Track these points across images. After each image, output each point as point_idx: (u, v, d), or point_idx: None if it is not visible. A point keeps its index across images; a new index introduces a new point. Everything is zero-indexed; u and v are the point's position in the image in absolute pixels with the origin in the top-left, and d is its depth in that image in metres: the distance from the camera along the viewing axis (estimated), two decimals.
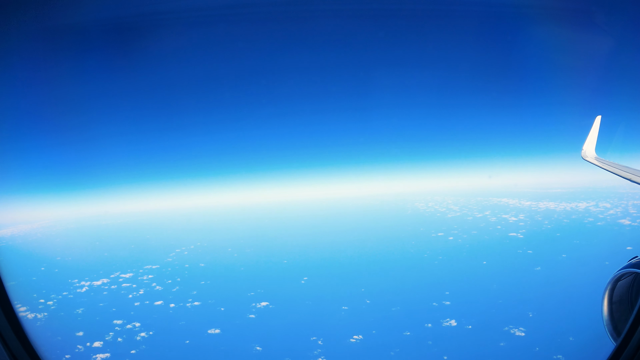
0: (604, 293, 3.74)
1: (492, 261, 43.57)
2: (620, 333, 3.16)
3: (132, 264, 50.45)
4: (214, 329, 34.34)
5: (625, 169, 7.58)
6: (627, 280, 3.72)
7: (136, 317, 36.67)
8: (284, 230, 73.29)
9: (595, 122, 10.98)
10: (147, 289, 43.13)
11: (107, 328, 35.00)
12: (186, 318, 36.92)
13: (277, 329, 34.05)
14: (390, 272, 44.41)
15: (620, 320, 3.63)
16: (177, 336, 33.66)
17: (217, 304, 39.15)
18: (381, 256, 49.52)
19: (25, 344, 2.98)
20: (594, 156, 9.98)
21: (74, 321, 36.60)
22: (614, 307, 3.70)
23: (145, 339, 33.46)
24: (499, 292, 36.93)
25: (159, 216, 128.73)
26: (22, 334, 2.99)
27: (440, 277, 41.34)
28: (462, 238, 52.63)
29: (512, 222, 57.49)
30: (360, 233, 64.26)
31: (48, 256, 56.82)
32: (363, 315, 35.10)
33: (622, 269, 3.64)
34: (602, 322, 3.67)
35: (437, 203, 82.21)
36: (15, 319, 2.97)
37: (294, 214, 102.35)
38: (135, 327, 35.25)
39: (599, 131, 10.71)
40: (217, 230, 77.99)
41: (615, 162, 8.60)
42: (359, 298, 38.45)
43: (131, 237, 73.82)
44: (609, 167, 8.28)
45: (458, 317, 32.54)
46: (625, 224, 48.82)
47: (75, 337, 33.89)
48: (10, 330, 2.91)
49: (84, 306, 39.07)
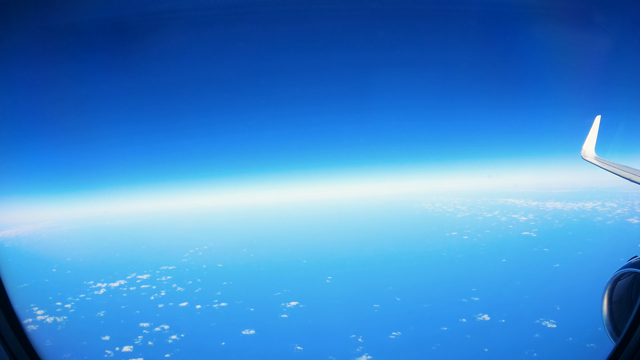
0: (604, 293, 3.72)
1: (510, 259, 44.41)
2: (620, 333, 3.13)
3: (148, 265, 48.81)
4: (248, 329, 33.63)
5: (625, 169, 7.55)
6: (626, 279, 3.70)
7: (163, 319, 35.41)
8: (294, 231, 72.76)
9: (594, 122, 11.05)
10: (168, 290, 41.74)
11: (134, 331, 33.61)
12: (216, 319, 35.95)
13: (313, 328, 33.66)
14: (412, 270, 44.66)
15: (620, 320, 3.60)
16: (210, 338, 32.68)
17: (245, 305, 38.32)
18: (400, 255, 49.65)
19: (26, 344, 2.92)
20: (593, 156, 10.02)
21: (97, 325, 34.94)
22: (613, 307, 3.68)
23: (177, 341, 32.33)
24: (523, 287, 38.01)
25: (163, 217, 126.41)
26: (22, 335, 2.92)
27: (463, 275, 42.06)
28: (477, 237, 53.57)
29: (523, 221, 58.76)
30: (374, 233, 64.51)
31: (58, 257, 54.25)
32: (396, 313, 35.23)
33: (622, 268, 3.62)
34: (602, 321, 3.66)
35: (444, 203, 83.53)
36: (15, 320, 2.91)
37: (300, 214, 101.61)
38: (164, 329, 34.03)
39: (598, 131, 10.76)
40: (227, 230, 76.46)
41: (615, 162, 8.62)
42: (388, 296, 38.59)
43: (139, 238, 71.68)
44: (608, 167, 8.27)
45: (489, 312, 33.28)
46: (634, 222, 51.42)
47: (101, 341, 32.34)
48: (10, 330, 2.84)
49: (105, 309, 37.35)
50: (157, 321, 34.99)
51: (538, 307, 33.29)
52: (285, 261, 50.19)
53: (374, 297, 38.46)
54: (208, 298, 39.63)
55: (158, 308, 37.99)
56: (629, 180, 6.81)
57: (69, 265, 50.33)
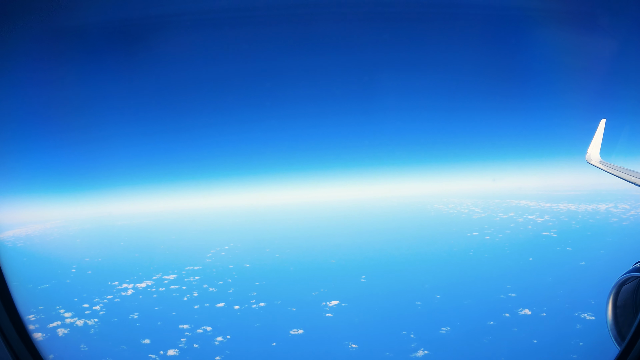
0: (609, 297, 3.69)
1: (536, 257, 44.86)
2: (625, 337, 3.11)
3: (172, 265, 46.85)
4: (295, 329, 32.67)
5: (631, 173, 7.47)
6: (631, 284, 3.68)
7: (203, 321, 33.84)
8: (312, 231, 71.65)
9: (599, 126, 10.99)
10: (200, 291, 40.01)
11: (176, 334, 31.91)
12: (259, 320, 34.68)
13: (361, 326, 33.08)
14: (443, 269, 44.51)
15: (625, 325, 3.57)
16: (258, 339, 31.41)
17: (285, 305, 37.20)
18: (428, 255, 49.51)
19: (29, 344, 2.92)
20: (598, 160, 9.93)
21: (132, 327, 32.90)
22: (618, 312, 3.65)
23: (224, 343, 30.90)
24: (554, 284, 38.84)
25: (173, 217, 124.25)
26: (25, 335, 2.91)
27: (494, 273, 42.50)
28: (498, 237, 54.01)
29: (540, 222, 59.67)
30: (396, 233, 64.06)
31: (75, 257, 50.96)
32: (440, 309, 35.25)
33: (627, 273, 3.60)
34: (606, 326, 3.63)
35: (456, 205, 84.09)
36: (18, 320, 2.90)
37: (312, 215, 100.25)
38: (207, 331, 32.49)
39: (603, 134, 10.64)
40: (244, 231, 74.56)
41: (620, 166, 8.52)
42: (427, 294, 38.54)
43: (155, 238, 69.00)
44: (614, 170, 8.17)
45: (529, 307, 33.95)
46: None
47: (142, 345, 30.45)
48: (13, 330, 2.84)
49: (138, 311, 35.29)
50: (197, 323, 33.42)
51: (573, 301, 34.08)
52: (314, 261, 49.24)
53: (414, 295, 38.25)
54: (244, 298, 38.24)
55: (194, 309, 36.30)
56: (635, 184, 6.75)
57: (89, 265, 47.70)
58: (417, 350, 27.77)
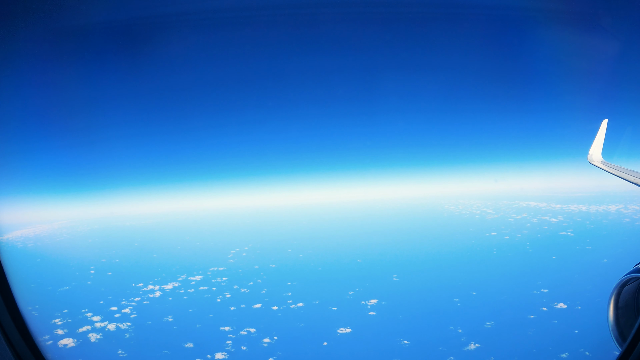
0: (610, 298, 3.71)
1: (559, 255, 45.37)
2: (626, 338, 3.13)
3: (194, 266, 45.00)
4: (342, 328, 31.66)
5: (633, 173, 7.48)
6: (633, 285, 3.69)
7: (244, 322, 32.33)
8: (328, 232, 70.53)
9: (601, 126, 10.97)
10: (232, 292, 38.30)
11: (218, 336, 30.33)
12: (301, 319, 33.48)
13: (407, 323, 32.49)
14: (471, 266, 44.35)
15: (626, 326, 3.58)
16: (307, 339, 30.26)
17: (325, 304, 36.11)
18: (453, 254, 49.38)
19: (30, 343, 2.92)
20: (600, 160, 9.93)
21: (170, 331, 30.90)
22: (619, 313, 3.67)
23: (273, 344, 29.52)
24: (582, 279, 39.39)
25: (180, 218, 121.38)
26: (26, 334, 2.92)
27: (522, 270, 42.63)
28: (517, 237, 54.50)
29: (555, 223, 60.29)
30: (414, 234, 64.24)
31: (91, 258, 47.61)
32: (479, 305, 35.22)
33: (628, 274, 3.62)
34: (607, 326, 3.65)
35: (466, 206, 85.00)
36: (20, 319, 2.90)
37: (321, 216, 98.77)
38: (251, 333, 31.01)
39: (605, 135, 10.66)
40: (258, 232, 72.49)
41: (622, 167, 8.54)
42: (462, 291, 38.41)
43: (169, 239, 65.94)
44: (616, 171, 8.18)
45: (563, 301, 34.55)
46: None
47: (186, 349, 28.57)
48: (15, 329, 2.85)
49: (172, 313, 33.30)
50: (238, 324, 31.89)
51: (604, 295, 34.95)
52: (340, 261, 48.31)
53: (449, 292, 38.11)
54: (280, 299, 36.88)
55: (231, 311, 34.66)
56: (637, 185, 6.73)
57: (107, 266, 44.76)
58: (467, 344, 27.68)
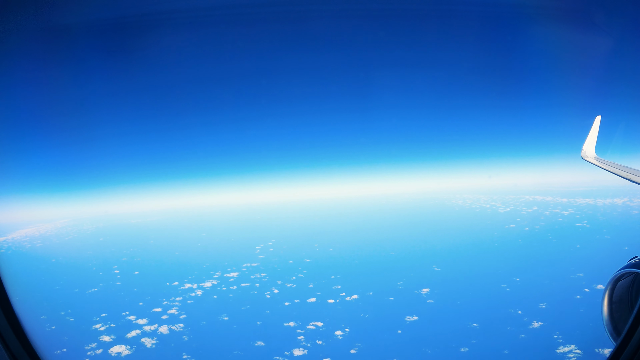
0: (604, 293, 3.71)
1: (582, 244, 46.62)
2: (620, 333, 3.15)
3: (226, 263, 41.82)
4: (409, 316, 30.30)
5: (625, 169, 7.52)
6: (627, 280, 3.72)
7: (306, 317, 30.32)
8: (345, 226, 68.62)
9: (595, 122, 11.00)
10: (279, 288, 35.56)
11: (286, 333, 27.82)
12: (364, 310, 32.01)
13: (467, 308, 32.01)
14: (504, 255, 45.27)
15: (620, 320, 3.61)
16: (379, 328, 28.89)
17: (379, 295, 34.69)
18: (482, 244, 49.73)
19: (25, 344, 2.88)
20: (593, 156, 9.94)
21: (231, 330, 27.86)
22: (613, 307, 3.68)
23: (347, 336, 27.77)
24: (611, 263, 41.04)
25: (185, 215, 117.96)
26: (22, 334, 2.87)
27: (552, 257, 43.72)
28: (536, 228, 55.43)
29: (567, 215, 61.82)
30: (434, 227, 63.86)
31: (109, 257, 42.30)
32: (526, 289, 35.46)
33: (622, 269, 3.62)
34: (602, 322, 3.66)
35: (474, 201, 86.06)
36: (15, 319, 2.84)
37: (329, 211, 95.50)
38: (319, 327, 28.90)
39: (598, 131, 10.71)
40: (275, 227, 68.45)
41: (615, 162, 8.57)
42: (507, 277, 38.43)
43: (184, 236, 60.45)
44: (609, 167, 8.23)
45: (601, 283, 35.68)
46: None
47: (257, 348, 25.72)
48: (10, 330, 2.81)
49: (225, 312, 30.00)
50: (302, 319, 29.54)
51: None
52: (373, 254, 47.10)
53: (494, 279, 38.22)
54: (332, 292, 34.96)
55: (286, 306, 32.05)
56: (629, 180, 6.74)
57: (130, 265, 39.79)
58: (531, 323, 28.04)
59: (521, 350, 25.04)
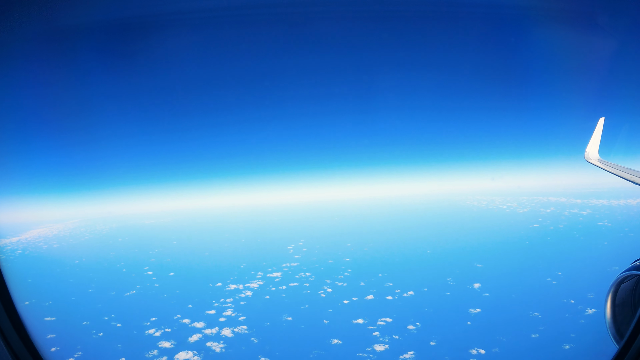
0: (607, 295, 3.67)
1: (611, 241, 46.59)
2: (623, 335, 3.13)
3: (264, 263, 39.81)
4: (472, 308, 29.92)
5: (629, 171, 7.47)
6: (630, 282, 3.67)
7: (372, 314, 29.08)
8: (368, 226, 66.95)
9: (598, 124, 10.97)
10: (331, 287, 33.58)
11: (358, 330, 26.60)
12: (426, 305, 31.51)
13: (523, 299, 31.60)
14: (539, 252, 45.08)
15: (623, 323, 3.56)
16: (448, 321, 28.14)
17: (434, 291, 33.84)
18: (515, 243, 49.55)
19: (28, 344, 2.92)
20: (597, 158, 9.92)
21: (300, 330, 25.99)
22: (616, 310, 3.63)
23: (420, 329, 27.19)
24: None
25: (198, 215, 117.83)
26: (24, 335, 2.91)
27: (585, 253, 44.00)
28: (560, 227, 55.66)
29: (587, 214, 62.33)
30: (458, 228, 62.87)
31: (137, 258, 39.01)
32: (570, 283, 35.17)
33: (625, 271, 3.59)
34: (605, 324, 3.60)
35: (489, 202, 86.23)
36: (17, 319, 2.87)
37: (340, 212, 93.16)
38: (388, 322, 28.99)
39: (602, 133, 10.67)
40: (301, 228, 65.55)
41: (619, 164, 8.56)
42: (549, 272, 38.14)
43: (209, 237, 56.78)
44: (612, 169, 8.18)
45: None
46: None
47: (333, 346, 24.76)
48: (13, 330, 2.84)
49: (288, 313, 28.03)
50: (369, 316, 28.22)
51: None
52: (411, 253, 46.01)
53: (541, 272, 38.00)
54: (386, 289, 33.65)
55: (346, 304, 30.54)
56: (633, 182, 6.71)
57: (162, 266, 37.25)
58: (585, 311, 28.92)
59: (584, 333, 25.49)
